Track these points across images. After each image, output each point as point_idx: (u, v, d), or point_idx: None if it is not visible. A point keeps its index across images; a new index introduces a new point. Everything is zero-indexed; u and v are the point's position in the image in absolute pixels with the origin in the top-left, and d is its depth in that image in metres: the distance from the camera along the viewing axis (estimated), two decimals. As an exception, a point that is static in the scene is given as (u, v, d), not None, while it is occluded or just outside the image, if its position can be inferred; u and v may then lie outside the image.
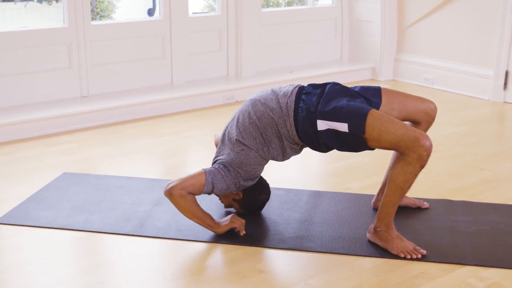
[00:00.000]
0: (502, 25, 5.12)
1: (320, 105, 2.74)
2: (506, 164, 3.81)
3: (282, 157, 2.91)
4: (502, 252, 2.74)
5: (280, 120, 2.81)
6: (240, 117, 2.90)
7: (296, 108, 2.79)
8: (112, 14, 6.25)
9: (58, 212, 3.11)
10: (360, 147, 2.73)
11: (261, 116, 2.84)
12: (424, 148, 2.58)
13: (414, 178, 2.65)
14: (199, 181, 2.81)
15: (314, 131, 2.74)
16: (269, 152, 2.87)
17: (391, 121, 2.64)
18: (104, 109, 4.58)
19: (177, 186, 2.79)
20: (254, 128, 2.84)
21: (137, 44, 5.01)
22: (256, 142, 2.84)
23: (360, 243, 2.82)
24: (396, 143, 2.61)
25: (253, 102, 2.90)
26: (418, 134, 2.59)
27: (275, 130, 2.83)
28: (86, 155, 3.97)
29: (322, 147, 2.80)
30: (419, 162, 2.60)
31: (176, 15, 5.10)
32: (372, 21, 6.01)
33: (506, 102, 5.22)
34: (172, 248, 2.80)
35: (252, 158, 2.85)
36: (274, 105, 2.83)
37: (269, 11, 5.83)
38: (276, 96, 2.86)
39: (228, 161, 2.86)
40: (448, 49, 5.61)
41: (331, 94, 2.77)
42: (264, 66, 5.68)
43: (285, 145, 2.85)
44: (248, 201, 3.01)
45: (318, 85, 2.86)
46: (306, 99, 2.79)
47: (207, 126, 4.58)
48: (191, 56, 5.27)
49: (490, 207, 3.20)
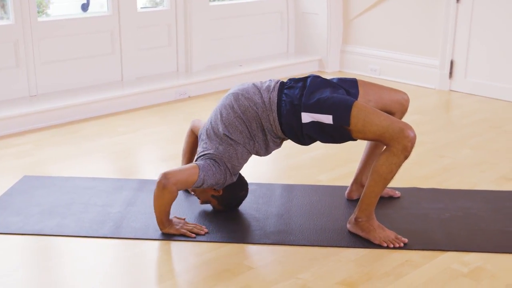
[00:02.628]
0: (446, 15, 5.26)
1: (304, 97, 2.74)
2: (464, 151, 3.93)
3: (265, 151, 2.91)
4: (479, 237, 2.83)
5: (263, 114, 2.80)
6: (224, 112, 2.87)
7: (279, 102, 2.79)
8: (47, 10, 6.07)
9: (27, 218, 2.99)
10: (344, 139, 2.75)
11: (245, 110, 2.82)
12: (408, 139, 2.62)
13: (398, 169, 2.69)
14: (192, 177, 2.76)
15: (298, 124, 2.74)
16: (254, 146, 2.86)
17: (376, 113, 2.66)
18: (56, 108, 4.43)
19: (172, 181, 2.74)
20: (239, 122, 2.82)
21: (86, 40, 4.87)
22: (243, 136, 2.83)
23: (341, 234, 2.85)
24: (381, 134, 2.64)
25: (235, 96, 2.87)
26: (402, 125, 2.63)
27: (259, 124, 2.82)
28: (44, 156, 3.83)
29: (306, 139, 2.81)
30: (403, 153, 2.64)
31: (124, 10, 4.99)
32: (317, 13, 6.05)
33: (451, 90, 5.38)
34: (153, 249, 2.75)
35: (240, 153, 2.84)
36: (257, 100, 2.82)
37: (217, 4, 5.78)
38: (259, 90, 2.85)
39: (218, 155, 2.83)
40: (393, 40, 5.72)
41: (314, 87, 2.78)
42: (214, 60, 5.64)
43: (268, 139, 2.85)
44: (228, 198, 2.99)
45: (299, 79, 2.87)
46: (289, 93, 2.79)
47: (164, 122, 4.51)
48: (140, 51, 5.17)
49: (458, 193, 3.29)
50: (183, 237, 2.81)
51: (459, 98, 5.19)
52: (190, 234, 2.82)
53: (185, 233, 2.83)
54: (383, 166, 2.68)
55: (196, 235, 2.83)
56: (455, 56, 5.31)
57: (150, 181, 3.40)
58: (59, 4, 6.17)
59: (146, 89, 4.93)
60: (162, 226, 2.83)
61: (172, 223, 2.86)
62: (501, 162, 3.73)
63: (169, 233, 2.83)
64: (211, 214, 3.04)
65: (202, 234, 2.84)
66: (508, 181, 3.45)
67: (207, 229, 2.88)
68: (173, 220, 2.88)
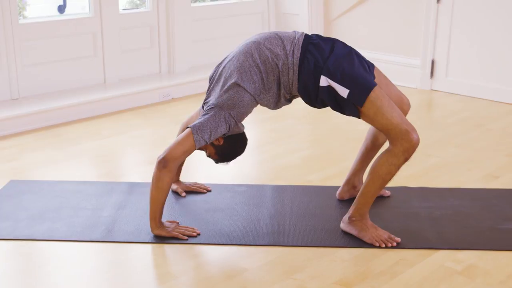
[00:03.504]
0: (427, 15, 5.31)
1: (330, 61, 2.66)
2: (450, 150, 3.97)
3: (274, 106, 2.83)
4: (470, 235, 2.85)
5: (284, 67, 2.71)
6: (242, 58, 2.75)
7: (302, 58, 2.70)
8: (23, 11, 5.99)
9: (16, 223, 2.95)
10: (352, 115, 2.71)
11: (265, 60, 2.72)
12: (412, 143, 2.63)
13: (397, 170, 2.70)
14: (189, 144, 2.71)
15: (316, 85, 2.67)
16: (265, 98, 2.77)
17: (391, 106, 2.64)
18: (39, 112, 4.38)
19: (172, 156, 2.70)
20: (255, 72, 2.72)
21: (68, 42, 4.82)
22: (255, 86, 2.73)
23: (335, 234, 2.85)
24: (387, 129, 2.64)
25: (257, 45, 2.75)
26: (410, 128, 2.63)
27: (276, 77, 2.73)
28: (29, 160, 3.78)
29: (319, 102, 2.75)
30: (404, 155, 2.65)
31: (106, 11, 4.95)
32: (298, 14, 6.07)
33: (433, 90, 5.43)
34: (148, 252, 2.73)
35: (246, 101, 2.73)
36: (279, 51, 2.72)
37: (199, 5, 5.76)
38: (282, 42, 2.74)
39: (220, 102, 2.74)
40: (375, 40, 5.76)
41: (343, 53, 2.70)
42: (196, 62, 5.62)
43: (281, 94, 2.77)
44: (226, 150, 2.89)
45: (326, 39, 2.77)
46: (314, 52, 2.69)
47: (149, 125, 4.49)
48: (123, 53, 5.13)
49: (447, 192, 3.32)
50: (175, 239, 2.80)
51: (441, 97, 5.24)
52: (182, 237, 2.80)
53: (177, 235, 2.81)
54: (382, 167, 2.68)
55: (188, 237, 2.81)
56: (436, 55, 5.36)
57: (139, 184, 3.38)
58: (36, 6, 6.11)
59: (129, 91, 4.89)
60: (154, 225, 2.81)
61: (164, 225, 2.84)
62: (487, 160, 3.78)
63: (160, 235, 2.81)
64: (202, 217, 3.02)
65: (194, 236, 2.83)
66: (495, 179, 3.49)
67: (199, 231, 2.87)
68: (166, 224, 2.86)
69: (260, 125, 4.40)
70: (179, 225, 2.88)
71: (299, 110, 4.76)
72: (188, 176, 3.43)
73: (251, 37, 2.86)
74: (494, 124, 4.48)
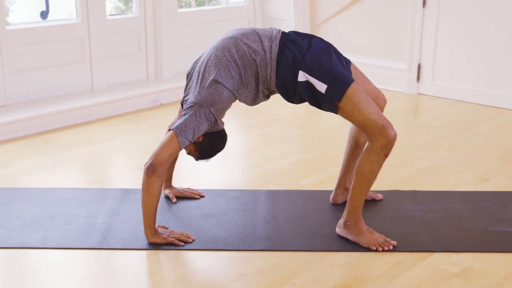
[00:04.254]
0: (413, 20, 5.36)
1: (307, 56, 2.68)
2: (439, 153, 4.00)
3: (252, 102, 2.83)
4: (464, 237, 2.88)
5: (262, 63, 2.72)
6: (219, 54, 2.74)
7: (280, 54, 2.71)
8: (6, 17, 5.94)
9: (9, 231, 2.92)
10: (329, 110, 2.72)
11: (243, 55, 2.72)
12: (389, 138, 2.66)
13: (379, 168, 2.72)
14: (175, 147, 2.70)
15: (293, 80, 2.69)
16: (243, 94, 2.77)
17: (368, 103, 2.67)
18: (27, 118, 4.34)
19: (159, 161, 2.69)
20: (233, 67, 2.73)
21: (55, 48, 4.79)
22: (234, 82, 2.73)
23: (331, 238, 2.86)
24: (364, 125, 2.67)
25: (234, 40, 2.75)
26: (386, 123, 2.66)
27: (254, 72, 2.73)
28: (18, 168, 3.75)
29: (296, 97, 2.76)
30: (382, 151, 2.67)
31: (93, 17, 4.92)
32: (285, 19, 6.09)
33: (419, 93, 5.48)
34: (143, 259, 2.71)
35: (225, 97, 2.72)
36: (257, 47, 2.73)
37: (186, 11, 5.76)
38: (259, 37, 2.75)
39: (199, 100, 2.73)
40: (361, 45, 5.79)
41: (320, 49, 2.72)
42: (184, 67, 5.59)
43: (260, 89, 2.77)
44: (206, 146, 2.88)
45: (303, 35, 2.78)
46: (292, 47, 2.71)
47: (138, 131, 4.47)
48: (110, 59, 5.11)
49: (439, 195, 3.35)
50: (171, 246, 2.79)
51: (427, 101, 5.28)
52: (178, 243, 2.80)
53: (173, 241, 2.80)
54: (365, 166, 2.70)
55: (184, 243, 2.81)
56: (422, 59, 5.40)
57: (132, 190, 3.37)
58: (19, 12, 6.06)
59: (118, 97, 4.87)
60: (150, 233, 2.80)
61: (159, 232, 2.83)
62: (476, 163, 3.81)
63: (156, 242, 2.80)
64: (197, 222, 3.02)
65: (190, 242, 2.82)
66: (485, 181, 3.53)
67: (194, 237, 2.86)
68: (159, 230, 2.85)
69: (248, 130, 4.40)
70: (174, 231, 2.87)
71: (287, 115, 4.78)
72: (180, 182, 3.42)
73: (227, 33, 2.86)
74: (482, 127, 4.53)
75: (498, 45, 4.97)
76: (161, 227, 2.88)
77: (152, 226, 2.80)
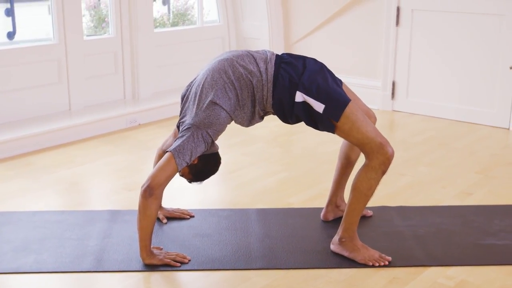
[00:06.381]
0: (387, 38, 5.46)
1: (304, 77, 2.72)
2: (421, 168, 4.07)
3: (248, 123, 2.86)
4: (456, 251, 2.93)
5: (258, 84, 2.75)
6: (216, 76, 2.77)
7: (276, 75, 2.74)
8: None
9: (0, 256, 2.86)
10: (326, 130, 2.76)
11: (240, 77, 2.75)
12: (387, 156, 2.71)
13: (377, 184, 2.76)
14: (172, 169, 2.70)
15: (290, 101, 2.72)
16: (239, 115, 2.80)
17: (365, 121, 2.72)
18: (6, 141, 4.27)
19: (156, 183, 2.68)
20: (230, 88, 2.75)
21: (32, 69, 4.74)
22: (231, 103, 2.75)
23: (326, 255, 2.89)
24: (362, 143, 2.71)
25: (230, 61, 2.78)
26: (384, 141, 2.71)
27: (251, 93, 2.76)
28: (3, 190, 3.68)
29: (293, 118, 2.79)
30: (381, 168, 2.72)
31: (70, 38, 4.89)
32: (259, 38, 6.14)
33: (394, 110, 5.57)
34: (141, 281, 2.69)
35: (222, 118, 2.74)
36: (253, 68, 2.76)
37: (162, 31, 5.76)
38: (254, 59, 2.79)
39: (196, 122, 2.73)
40: (336, 63, 5.84)
41: (315, 69, 2.77)
42: (161, 87, 5.61)
43: (256, 110, 2.80)
44: (200, 169, 2.88)
45: (297, 56, 2.84)
46: (288, 69, 2.75)
47: (119, 151, 4.44)
48: (87, 80, 5.08)
49: (426, 210, 3.40)
50: (167, 267, 2.77)
51: (403, 118, 5.38)
52: (174, 263, 2.78)
53: (169, 262, 2.79)
54: (363, 183, 2.74)
55: (180, 263, 2.79)
56: (397, 77, 5.51)
57: (120, 211, 3.34)
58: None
59: (96, 118, 4.84)
60: (146, 254, 2.78)
61: (154, 253, 2.82)
62: (458, 178, 3.89)
63: (152, 263, 2.78)
64: (191, 242, 3.01)
65: (186, 263, 2.81)
66: (468, 196, 3.60)
67: (189, 257, 2.85)
68: (154, 251, 2.83)
69: (231, 149, 4.41)
70: (169, 252, 2.86)
71: (266, 134, 4.81)
72: (169, 202, 3.41)
73: (222, 55, 2.89)
74: (458, 143, 4.62)
75: (470, 63, 5.10)
76: (156, 248, 2.86)
77: (148, 248, 2.78)
